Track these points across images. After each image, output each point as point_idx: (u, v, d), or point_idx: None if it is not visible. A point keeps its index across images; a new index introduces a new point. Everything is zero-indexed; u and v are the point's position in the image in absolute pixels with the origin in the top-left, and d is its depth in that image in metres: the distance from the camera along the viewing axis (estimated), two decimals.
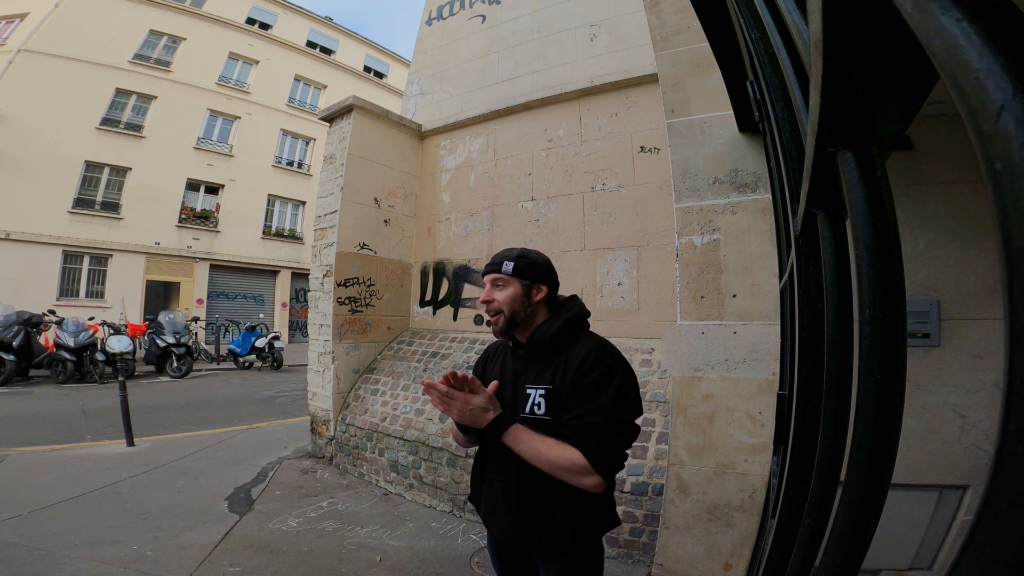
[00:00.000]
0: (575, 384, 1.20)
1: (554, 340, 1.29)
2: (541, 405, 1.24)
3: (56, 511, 3.27)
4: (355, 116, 4.93)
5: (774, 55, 0.77)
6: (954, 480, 1.87)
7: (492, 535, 1.43)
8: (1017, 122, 0.20)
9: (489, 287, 1.33)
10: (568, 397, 1.21)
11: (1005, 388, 0.23)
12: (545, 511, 1.25)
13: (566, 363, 1.24)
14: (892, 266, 0.43)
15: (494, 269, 1.33)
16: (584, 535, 1.26)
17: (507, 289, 1.31)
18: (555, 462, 1.15)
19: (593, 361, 1.21)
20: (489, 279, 1.34)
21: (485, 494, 1.38)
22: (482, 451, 1.42)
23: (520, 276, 1.31)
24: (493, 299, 1.31)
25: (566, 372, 1.23)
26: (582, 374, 1.20)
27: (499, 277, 1.32)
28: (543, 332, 1.30)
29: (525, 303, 1.31)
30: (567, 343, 1.29)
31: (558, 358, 1.27)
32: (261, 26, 17.79)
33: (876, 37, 0.37)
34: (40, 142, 12.53)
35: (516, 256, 1.33)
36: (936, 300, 1.91)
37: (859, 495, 0.49)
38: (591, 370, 1.20)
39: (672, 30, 2.63)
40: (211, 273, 15.19)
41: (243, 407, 7.22)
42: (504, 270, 1.31)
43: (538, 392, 1.25)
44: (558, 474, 1.16)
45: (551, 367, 1.27)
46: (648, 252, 3.90)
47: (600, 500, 1.27)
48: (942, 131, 1.88)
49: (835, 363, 0.67)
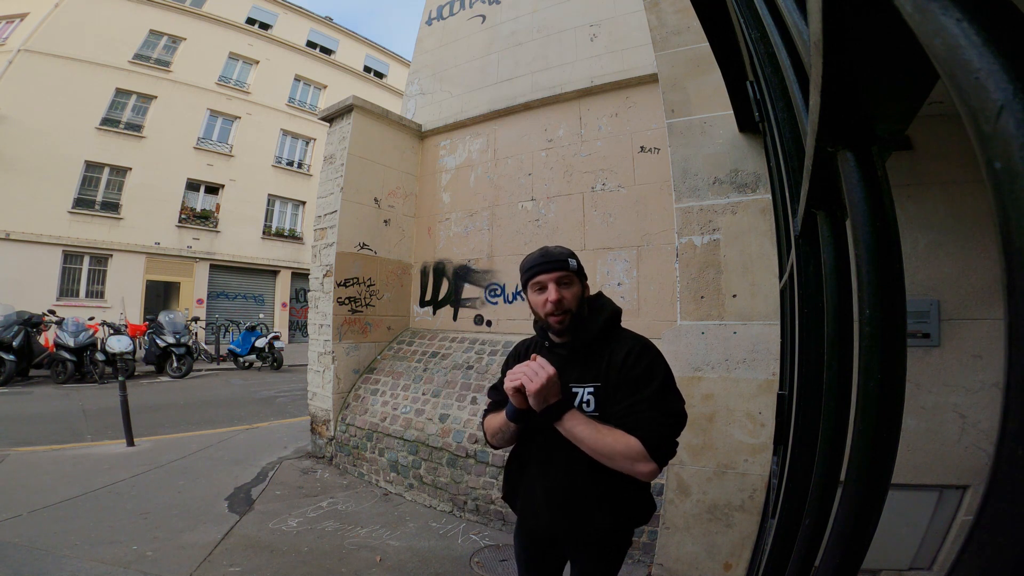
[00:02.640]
0: (622, 378, 1.22)
1: (601, 334, 1.30)
2: (590, 403, 1.24)
3: (56, 511, 3.27)
4: (355, 116, 4.93)
5: (774, 55, 0.77)
6: (954, 480, 1.87)
7: (525, 526, 1.42)
8: (1017, 122, 0.20)
9: (554, 286, 1.28)
10: (617, 390, 1.22)
11: (1005, 388, 0.23)
12: (588, 506, 1.25)
13: (610, 359, 1.26)
14: (892, 266, 0.43)
15: (560, 267, 1.29)
16: (624, 526, 1.29)
17: (573, 287, 1.30)
18: (612, 446, 1.15)
19: (637, 355, 1.24)
20: (554, 277, 1.29)
21: (523, 493, 1.37)
22: (518, 451, 1.41)
23: (579, 275, 1.33)
24: (563, 297, 1.28)
25: (611, 368, 1.25)
26: (628, 368, 1.23)
27: (566, 275, 1.29)
28: (590, 327, 1.30)
29: (582, 301, 1.32)
30: (608, 339, 1.31)
31: (599, 355, 1.28)
32: (261, 26, 17.79)
33: (876, 37, 0.37)
34: (40, 142, 12.53)
35: (571, 253, 1.34)
36: (936, 300, 1.91)
37: (859, 495, 0.49)
38: (636, 364, 1.23)
39: (672, 30, 2.63)
40: (211, 273, 15.19)
41: (243, 407, 7.22)
42: (571, 267, 1.30)
43: (586, 391, 1.25)
44: (615, 460, 1.16)
45: (594, 365, 1.28)
46: (648, 252, 3.90)
47: (640, 492, 1.30)
48: (942, 131, 1.88)
49: (835, 363, 0.67)
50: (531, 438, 1.33)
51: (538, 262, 1.32)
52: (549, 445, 1.27)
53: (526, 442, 1.36)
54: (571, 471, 1.24)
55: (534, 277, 1.32)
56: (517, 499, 1.40)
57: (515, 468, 1.41)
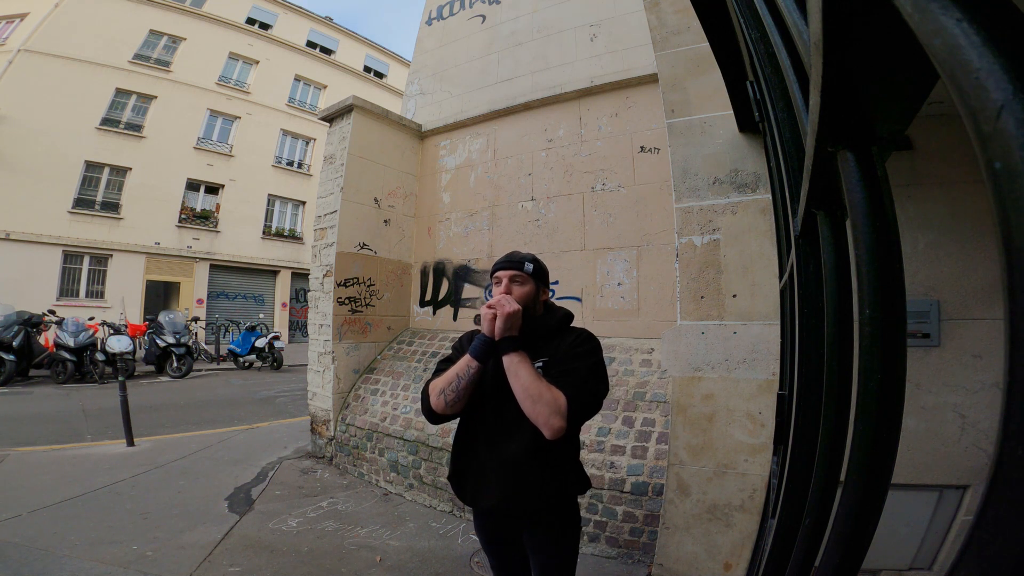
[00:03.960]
0: (564, 355, 1.40)
1: (557, 325, 1.49)
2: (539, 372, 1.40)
3: (56, 511, 3.27)
4: (355, 116, 4.93)
5: (774, 55, 0.77)
6: (954, 480, 1.87)
7: (481, 510, 1.52)
8: (1017, 122, 0.20)
9: (507, 282, 1.46)
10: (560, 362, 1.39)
11: (1005, 388, 0.23)
12: (536, 477, 1.38)
13: (560, 344, 1.44)
14: (892, 266, 0.43)
15: (514, 266, 1.47)
16: (567, 494, 1.45)
17: (525, 287, 1.46)
18: (543, 392, 1.29)
19: (581, 341, 1.44)
20: (507, 275, 1.46)
21: (473, 470, 1.47)
22: (465, 427, 1.52)
23: (536, 278, 1.49)
24: (511, 290, 1.45)
25: (560, 350, 1.42)
26: (570, 347, 1.42)
27: (519, 274, 1.46)
28: (547, 319, 1.49)
29: (534, 302, 1.48)
30: (560, 333, 1.49)
31: (551, 342, 1.45)
32: (261, 26, 17.79)
33: (876, 37, 0.37)
34: (40, 142, 12.53)
35: (533, 259, 1.50)
36: (936, 300, 1.91)
37: (859, 495, 0.49)
38: (579, 346, 1.42)
39: (672, 30, 2.63)
40: (211, 273, 15.19)
41: (243, 407, 7.22)
42: (525, 269, 1.47)
43: (536, 365, 1.38)
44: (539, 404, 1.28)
45: (546, 348, 1.44)
46: (648, 252, 3.90)
47: (575, 465, 1.49)
48: (942, 131, 1.88)
49: (835, 363, 0.67)
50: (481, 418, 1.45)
51: (500, 261, 1.52)
52: (498, 424, 1.41)
53: (473, 424, 1.48)
54: (520, 446, 1.38)
55: (494, 273, 1.51)
56: (467, 481, 1.49)
57: (462, 449, 1.51)
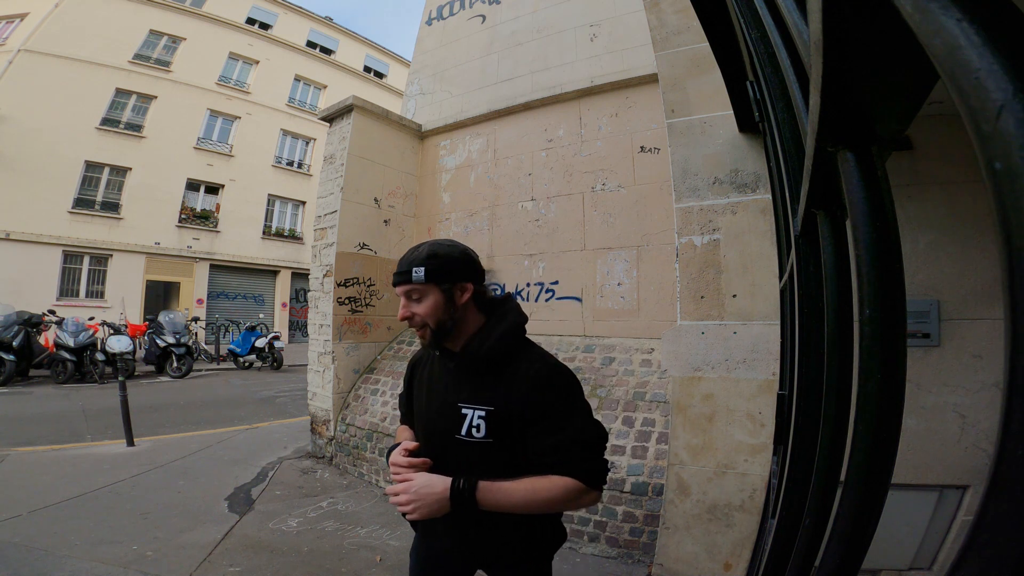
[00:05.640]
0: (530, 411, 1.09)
1: (491, 354, 1.12)
2: (480, 427, 1.10)
3: (56, 511, 3.27)
4: (355, 116, 4.93)
5: (774, 55, 0.77)
6: (954, 480, 1.87)
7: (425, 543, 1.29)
8: (1017, 122, 0.20)
9: (404, 300, 1.13)
10: (523, 422, 1.09)
11: (1005, 388, 0.23)
12: (497, 536, 1.15)
13: (513, 382, 1.11)
14: (892, 266, 0.43)
15: (404, 279, 1.12)
16: (536, 551, 1.19)
17: (426, 300, 1.11)
18: (552, 497, 1.06)
19: (546, 381, 1.10)
20: (401, 291, 1.13)
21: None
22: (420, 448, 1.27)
23: (437, 281, 1.11)
24: (413, 314, 1.12)
25: (514, 393, 1.10)
26: (536, 398, 1.09)
27: (412, 288, 1.11)
28: (477, 345, 1.13)
29: (451, 309, 1.12)
30: (509, 356, 1.14)
31: (498, 375, 1.13)
32: (261, 26, 17.79)
33: (876, 37, 0.37)
34: (40, 142, 12.53)
35: (426, 258, 1.11)
36: (936, 300, 1.91)
37: (859, 495, 0.49)
38: (547, 390, 1.09)
39: (672, 30, 2.63)
40: (211, 273, 15.19)
41: (243, 407, 7.22)
42: (417, 279, 1.10)
43: (476, 413, 1.11)
44: (558, 507, 1.08)
45: (491, 385, 1.13)
46: (648, 252, 3.90)
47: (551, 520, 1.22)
48: (942, 131, 1.88)
49: (835, 363, 0.67)
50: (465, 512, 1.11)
51: (395, 272, 1.16)
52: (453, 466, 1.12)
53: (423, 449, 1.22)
54: None
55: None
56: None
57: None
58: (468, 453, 1.13)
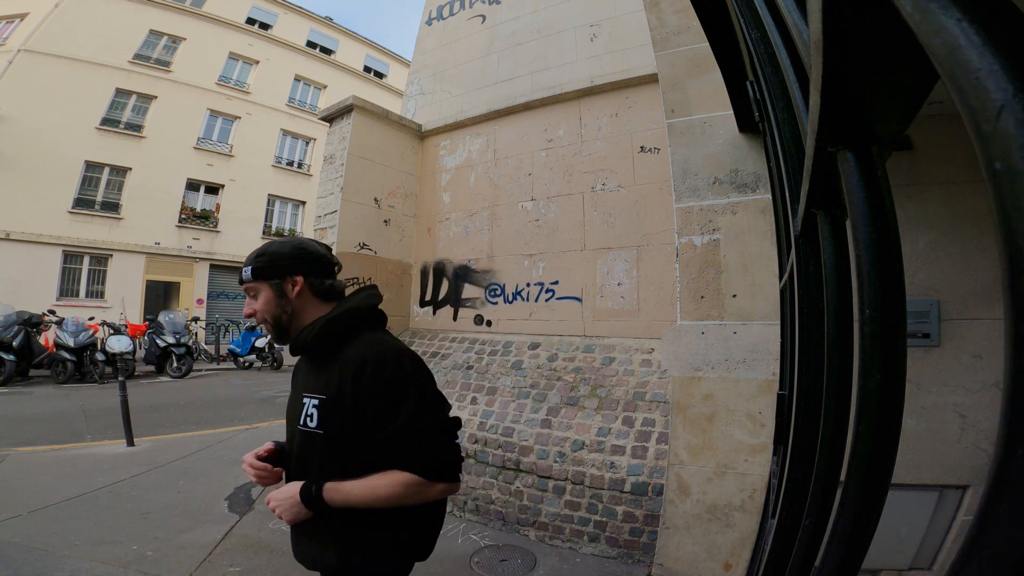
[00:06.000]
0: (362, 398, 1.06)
1: (319, 341, 1.13)
2: (313, 417, 1.10)
3: (56, 511, 3.27)
4: (355, 116, 4.93)
5: (774, 55, 0.77)
6: (954, 480, 1.87)
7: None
8: (1017, 122, 0.20)
9: (248, 299, 1.19)
10: (356, 412, 1.07)
11: (1005, 388, 0.23)
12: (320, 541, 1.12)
13: (341, 370, 1.08)
14: (892, 266, 0.43)
15: (240, 279, 1.20)
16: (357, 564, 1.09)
17: (260, 296, 1.16)
18: (391, 495, 1.04)
19: (374, 370, 1.06)
20: (244, 288, 1.20)
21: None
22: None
23: (265, 277, 1.15)
24: (254, 311, 1.17)
25: (343, 382, 1.07)
26: (365, 386, 1.06)
27: (248, 286, 1.18)
28: (305, 334, 1.15)
29: (283, 303, 1.16)
30: (340, 344, 1.13)
31: (332, 363, 1.11)
32: (261, 26, 17.79)
33: (876, 37, 0.37)
34: (40, 142, 12.53)
35: (255, 257, 1.17)
36: (936, 300, 1.91)
37: (859, 495, 0.49)
38: (375, 380, 1.06)
39: (672, 30, 2.63)
40: (211, 273, 15.20)
41: (243, 407, 7.22)
42: (246, 278, 1.17)
43: (311, 403, 1.11)
44: (403, 501, 1.06)
45: (325, 374, 1.12)
46: (648, 252, 3.90)
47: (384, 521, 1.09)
48: (942, 131, 1.88)
49: (835, 363, 0.67)
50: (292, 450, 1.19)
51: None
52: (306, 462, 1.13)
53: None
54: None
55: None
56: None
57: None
58: (311, 445, 1.12)
